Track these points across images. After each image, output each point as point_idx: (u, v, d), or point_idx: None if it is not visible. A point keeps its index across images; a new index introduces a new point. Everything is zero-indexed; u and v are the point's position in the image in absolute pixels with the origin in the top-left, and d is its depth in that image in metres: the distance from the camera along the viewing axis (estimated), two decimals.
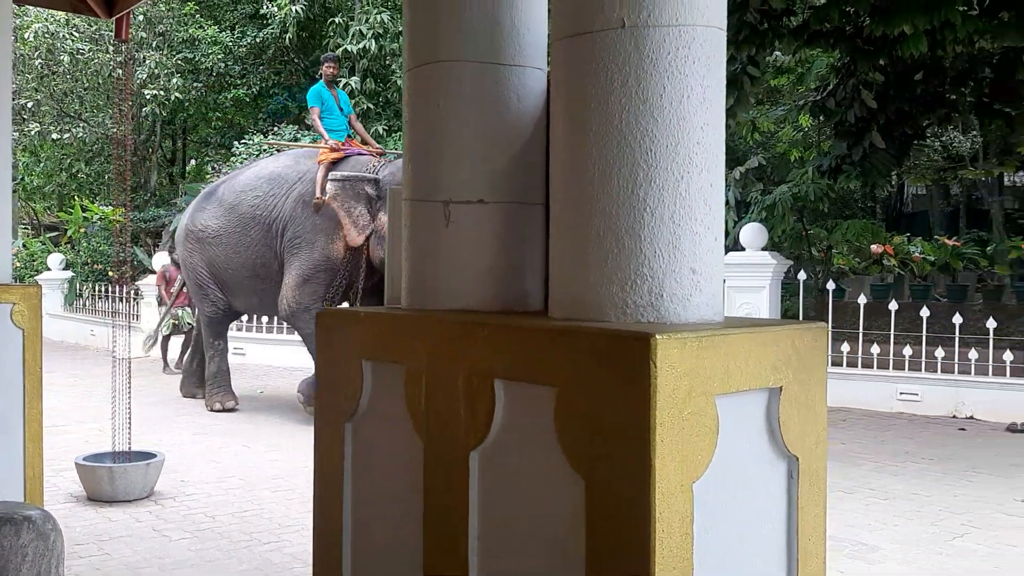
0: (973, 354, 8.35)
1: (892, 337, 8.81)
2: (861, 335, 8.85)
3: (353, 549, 1.97)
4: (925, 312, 8.66)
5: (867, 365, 8.91)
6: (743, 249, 9.57)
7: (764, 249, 9.55)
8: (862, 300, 9.03)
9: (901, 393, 8.70)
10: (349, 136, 8.69)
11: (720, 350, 1.34)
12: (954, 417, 8.34)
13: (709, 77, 1.48)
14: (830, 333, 8.79)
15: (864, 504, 5.41)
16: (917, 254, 13.49)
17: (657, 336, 1.27)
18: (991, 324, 8.28)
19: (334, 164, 8.22)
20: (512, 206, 1.87)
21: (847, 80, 9.59)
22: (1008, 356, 8.21)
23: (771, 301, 9.35)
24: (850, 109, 9.53)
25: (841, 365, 8.93)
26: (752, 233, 9.56)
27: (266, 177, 8.49)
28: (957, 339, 8.52)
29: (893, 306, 8.84)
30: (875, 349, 8.81)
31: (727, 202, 10.86)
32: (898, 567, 4.34)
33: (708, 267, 1.50)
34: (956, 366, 8.53)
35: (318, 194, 8.00)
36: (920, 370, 8.68)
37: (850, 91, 9.47)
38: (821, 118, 10.71)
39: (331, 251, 8.00)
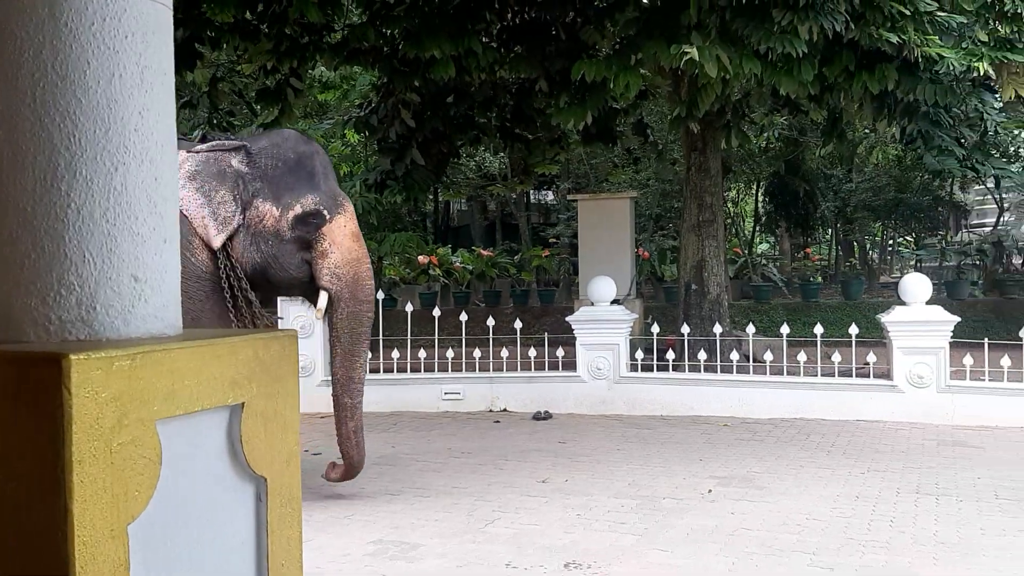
0: (505, 352, 9.18)
1: (436, 341, 9.34)
2: (410, 341, 9.26)
3: None
4: (464, 317, 9.38)
5: (415, 369, 9.34)
6: None
7: None
8: (409, 308, 9.45)
9: (446, 393, 9.25)
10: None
11: (162, 368, 1.17)
12: (491, 411, 9.08)
13: (149, 56, 1.31)
14: (382, 341, 8.97)
15: (409, 504, 5.59)
16: (458, 264, 14.61)
17: (72, 356, 1.06)
18: (518, 324, 9.21)
19: None
20: None
21: (387, 98, 10.00)
22: (533, 352, 9.16)
23: None
24: (391, 127, 9.96)
25: (392, 371, 9.26)
26: None
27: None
28: (491, 340, 9.31)
29: (436, 312, 9.40)
30: (422, 354, 9.26)
31: None
32: (436, 561, 4.53)
33: (156, 274, 1.31)
34: (491, 364, 9.30)
35: None
36: (462, 370, 9.32)
37: (391, 109, 9.90)
38: (366, 134, 11.07)
39: (188, 260, 5.50)
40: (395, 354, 9.22)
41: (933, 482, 5.90)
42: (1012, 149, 14.94)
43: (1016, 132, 14.44)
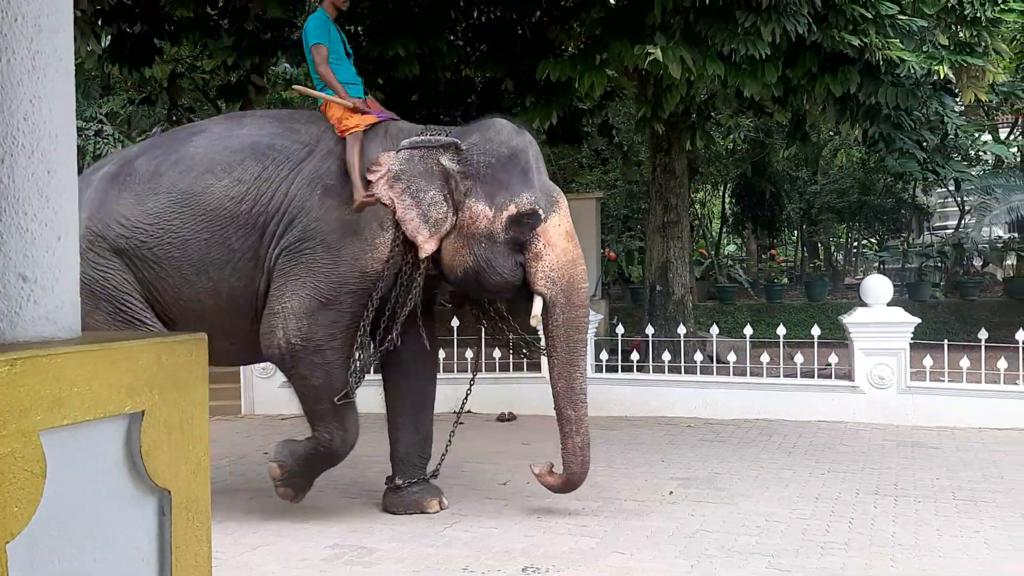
0: (470, 353, 9.08)
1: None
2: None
3: None
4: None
5: (377, 370, 9.21)
6: None
7: None
8: None
9: None
10: (369, 94, 5.72)
11: (47, 374, 1.10)
12: (454, 412, 8.97)
13: (41, 42, 1.22)
14: None
15: (367, 508, 5.52)
16: None
17: None
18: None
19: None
20: None
21: None
22: (498, 353, 9.07)
23: None
24: None
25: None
26: None
27: (247, 149, 5.20)
28: (456, 340, 9.22)
29: None
30: None
31: None
32: (393, 565, 4.45)
33: (48, 273, 1.23)
34: (455, 365, 9.19)
35: (360, 190, 4.94)
36: None
37: None
38: None
39: (366, 264, 5.06)
40: (356, 355, 9.09)
41: (892, 483, 5.92)
42: (972, 152, 15.12)
43: (976, 135, 14.62)
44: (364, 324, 5.15)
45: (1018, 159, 15.45)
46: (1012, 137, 17.08)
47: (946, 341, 7.96)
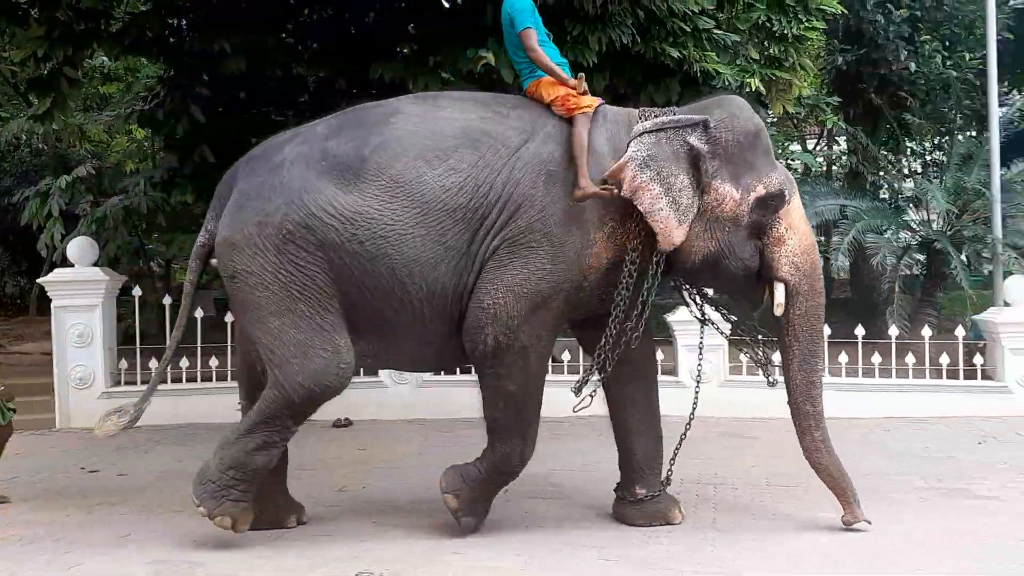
0: None
1: (230, 349, 8.91)
2: (200, 349, 8.78)
3: None
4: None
5: (207, 379, 8.85)
6: (72, 265, 8.80)
7: (97, 264, 8.91)
8: (200, 314, 8.95)
9: (240, 403, 8.83)
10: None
11: None
12: None
13: None
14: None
15: (193, 521, 5.23)
16: None
17: None
18: None
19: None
20: None
21: (175, 92, 9.44)
22: None
23: (105, 320, 8.77)
24: (179, 122, 9.39)
25: (182, 381, 8.75)
26: (80, 248, 8.82)
27: (459, 134, 4.68)
28: None
29: (229, 318, 8.94)
30: (214, 362, 8.80)
31: (50, 213, 9.84)
32: None
33: None
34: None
35: (586, 176, 4.56)
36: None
37: (178, 104, 9.34)
38: (150, 129, 10.38)
39: (584, 260, 4.66)
40: (184, 362, 8.71)
41: (712, 472, 6.25)
42: (783, 161, 16.18)
43: (786, 144, 15.67)
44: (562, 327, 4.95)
45: (824, 168, 16.63)
46: (818, 147, 18.39)
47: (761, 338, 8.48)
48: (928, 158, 14.01)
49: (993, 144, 9.85)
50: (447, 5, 8.69)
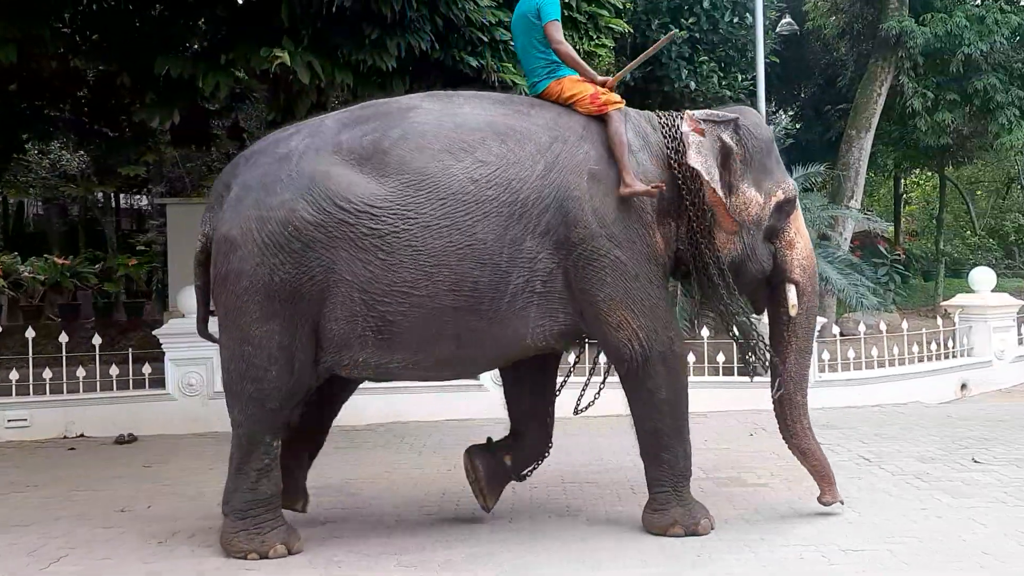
0: (81, 371, 8.32)
1: None
2: None
3: None
4: (31, 333, 8.39)
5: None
6: None
7: None
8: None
9: (9, 420, 8.12)
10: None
11: None
12: (65, 437, 8.14)
13: None
14: None
15: None
16: (27, 273, 12.96)
17: None
18: (97, 340, 8.40)
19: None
20: None
21: None
22: (115, 370, 8.38)
23: None
24: None
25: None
26: None
27: (485, 127, 4.53)
28: (65, 358, 8.38)
29: None
30: None
31: None
32: None
33: None
34: (66, 385, 8.36)
35: (631, 172, 4.55)
36: (29, 394, 8.26)
37: None
38: None
39: (654, 247, 4.70)
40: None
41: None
42: None
43: None
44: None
45: None
46: None
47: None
48: None
49: None
50: (240, 2, 8.39)
